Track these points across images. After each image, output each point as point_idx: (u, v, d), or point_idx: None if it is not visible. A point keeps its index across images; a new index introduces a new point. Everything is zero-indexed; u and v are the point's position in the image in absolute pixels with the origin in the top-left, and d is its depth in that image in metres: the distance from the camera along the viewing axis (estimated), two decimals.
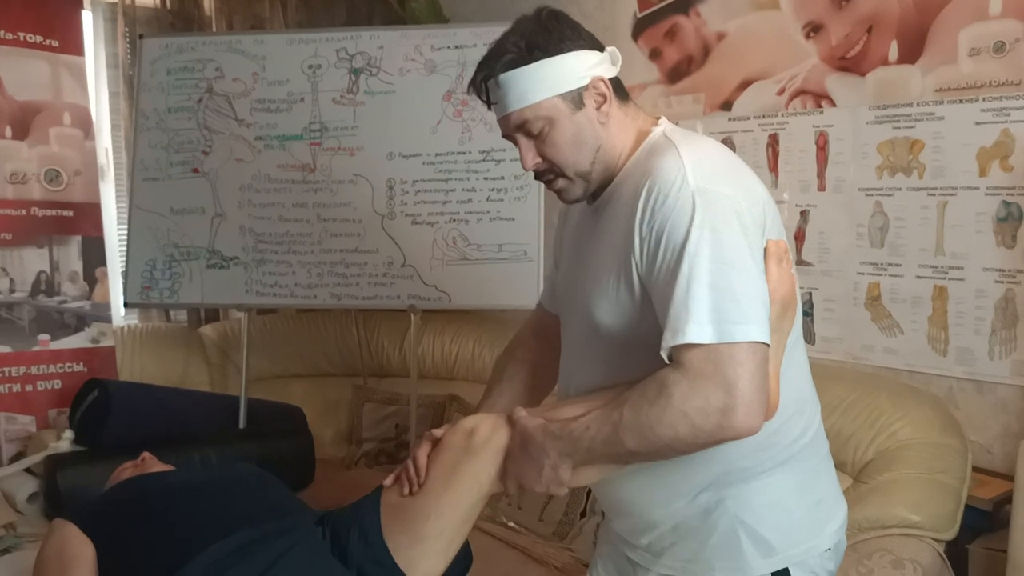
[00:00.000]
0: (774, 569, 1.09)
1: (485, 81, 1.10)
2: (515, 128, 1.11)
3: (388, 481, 1.23)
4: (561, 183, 1.14)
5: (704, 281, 0.95)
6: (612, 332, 1.09)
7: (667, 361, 0.98)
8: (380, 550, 1.17)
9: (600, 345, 1.12)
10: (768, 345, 0.97)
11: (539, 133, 1.09)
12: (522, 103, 1.08)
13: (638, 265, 1.04)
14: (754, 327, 0.95)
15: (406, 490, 1.18)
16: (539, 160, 1.12)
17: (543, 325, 1.36)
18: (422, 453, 1.19)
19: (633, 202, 1.05)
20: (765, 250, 1.04)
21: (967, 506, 1.70)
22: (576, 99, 1.09)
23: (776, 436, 1.08)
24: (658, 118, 1.16)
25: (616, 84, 1.13)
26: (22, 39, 2.59)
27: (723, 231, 0.97)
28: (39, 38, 2.62)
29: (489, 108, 1.13)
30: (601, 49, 1.12)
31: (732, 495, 1.09)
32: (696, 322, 0.94)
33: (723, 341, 0.94)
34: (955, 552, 1.71)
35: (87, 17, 2.90)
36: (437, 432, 1.21)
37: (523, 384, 1.34)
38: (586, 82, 1.09)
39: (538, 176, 1.15)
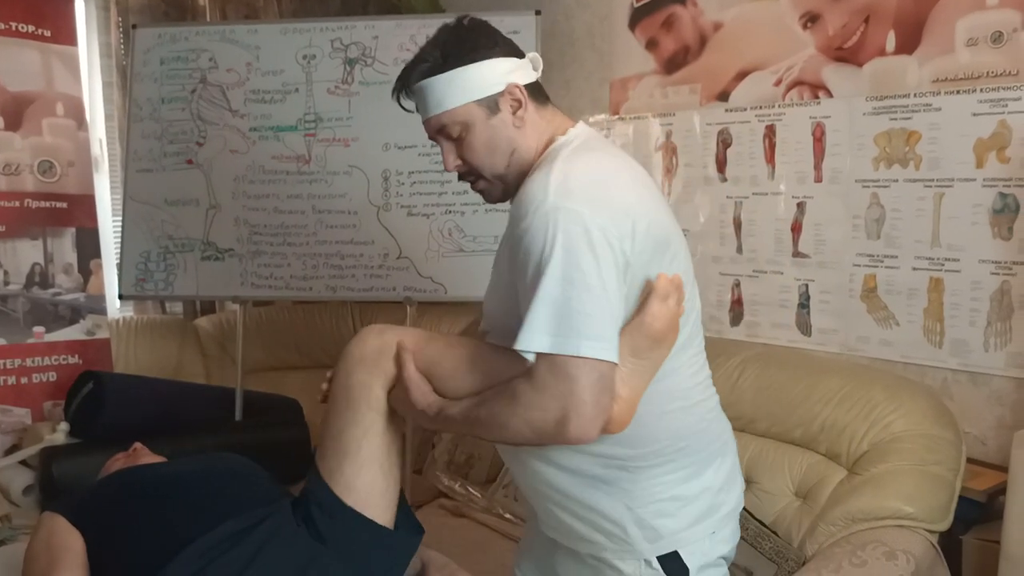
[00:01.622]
0: (660, 553, 1.16)
1: (402, 90, 1.19)
2: (436, 131, 1.19)
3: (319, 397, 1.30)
4: (482, 184, 1.22)
5: (548, 296, 1.03)
6: (498, 324, 1.19)
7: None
8: (346, 517, 1.19)
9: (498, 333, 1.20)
10: (609, 362, 1.03)
11: (457, 137, 1.18)
12: (439, 109, 1.16)
13: (511, 270, 1.12)
14: (587, 343, 1.01)
15: (319, 397, 1.28)
16: (460, 162, 1.20)
17: None
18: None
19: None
20: (655, 282, 1.08)
21: (961, 497, 1.70)
22: (491, 104, 1.16)
23: (655, 434, 1.14)
24: (576, 123, 1.22)
25: (534, 89, 1.20)
26: (14, 29, 2.57)
27: (571, 249, 1.03)
28: (31, 28, 2.60)
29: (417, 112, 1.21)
30: (520, 56, 1.20)
31: (620, 483, 1.16)
32: (532, 331, 1.03)
33: (558, 352, 1.02)
34: (948, 543, 1.71)
35: (79, 6, 2.87)
36: None
37: None
38: (501, 88, 1.16)
39: (461, 178, 1.23)
